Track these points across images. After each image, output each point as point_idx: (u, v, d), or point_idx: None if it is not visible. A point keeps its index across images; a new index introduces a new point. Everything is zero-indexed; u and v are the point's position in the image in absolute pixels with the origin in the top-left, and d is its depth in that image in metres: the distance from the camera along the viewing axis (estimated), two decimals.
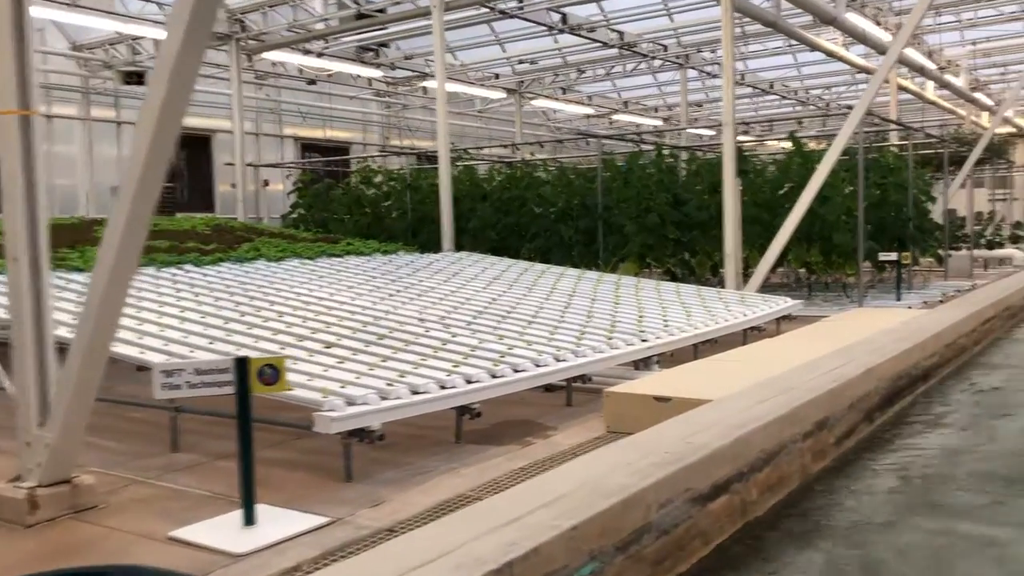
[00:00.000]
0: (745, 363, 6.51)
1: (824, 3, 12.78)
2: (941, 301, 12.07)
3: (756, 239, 11.94)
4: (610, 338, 6.61)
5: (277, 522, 3.82)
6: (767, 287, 14.19)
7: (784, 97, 24.43)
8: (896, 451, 5.14)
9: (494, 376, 5.26)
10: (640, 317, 7.68)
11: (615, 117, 26.74)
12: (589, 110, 24.88)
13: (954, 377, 7.47)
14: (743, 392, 4.95)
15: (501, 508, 3.12)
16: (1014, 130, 29.76)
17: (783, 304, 9.28)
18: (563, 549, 2.89)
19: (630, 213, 12.95)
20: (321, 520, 3.89)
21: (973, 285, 14.13)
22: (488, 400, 5.27)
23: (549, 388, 6.22)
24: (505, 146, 19.92)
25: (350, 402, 4.39)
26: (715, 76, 20.95)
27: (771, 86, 23.03)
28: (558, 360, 5.84)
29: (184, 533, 3.80)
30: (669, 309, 8.28)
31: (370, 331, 6.10)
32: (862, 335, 7.63)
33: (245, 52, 16.09)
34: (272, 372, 3.77)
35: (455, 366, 5.30)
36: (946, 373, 7.61)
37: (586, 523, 2.97)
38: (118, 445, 5.49)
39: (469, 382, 5.08)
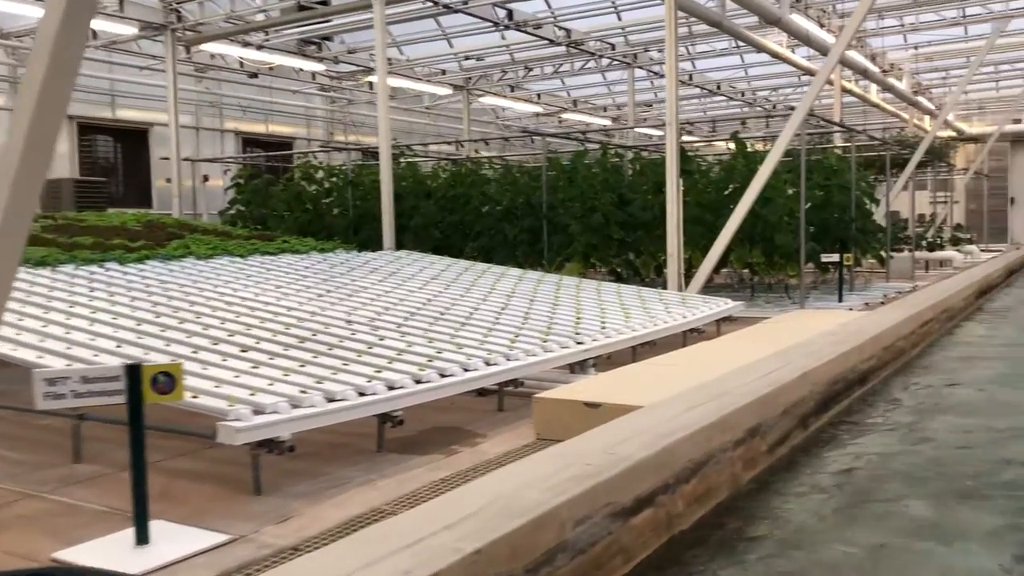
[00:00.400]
0: (682, 366, 6.37)
1: (769, 4, 12.76)
2: (882, 302, 12.13)
3: (700, 240, 11.87)
4: (545, 341, 6.42)
5: (173, 540, 3.55)
6: (711, 288, 14.16)
7: (731, 98, 24.55)
8: (830, 459, 5.02)
9: (419, 381, 5.03)
10: (578, 319, 7.51)
11: (564, 116, 26.63)
12: (538, 108, 24.74)
13: (891, 380, 7.42)
14: (674, 398, 4.79)
15: (403, 529, 2.90)
16: (955, 134, 30.35)
17: (723, 306, 9.19)
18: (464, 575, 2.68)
19: (575, 212, 12.81)
20: (221, 538, 3.63)
21: (914, 287, 14.26)
22: (415, 406, 5.04)
23: (482, 392, 6.01)
24: (449, 143, 19.65)
25: (258, 411, 4.13)
26: (663, 76, 20.91)
27: (718, 87, 23.11)
28: (489, 364, 5.63)
29: (69, 554, 3.51)
30: (608, 311, 8.13)
31: (293, 334, 5.83)
32: (801, 337, 7.55)
33: (182, 43, 15.61)
34: (167, 380, 3.50)
35: (378, 371, 5.06)
36: (884, 376, 7.57)
37: (492, 545, 2.76)
38: (17, 455, 5.15)
39: (391, 388, 4.85)
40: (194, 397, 4.25)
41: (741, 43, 16.71)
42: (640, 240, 12.50)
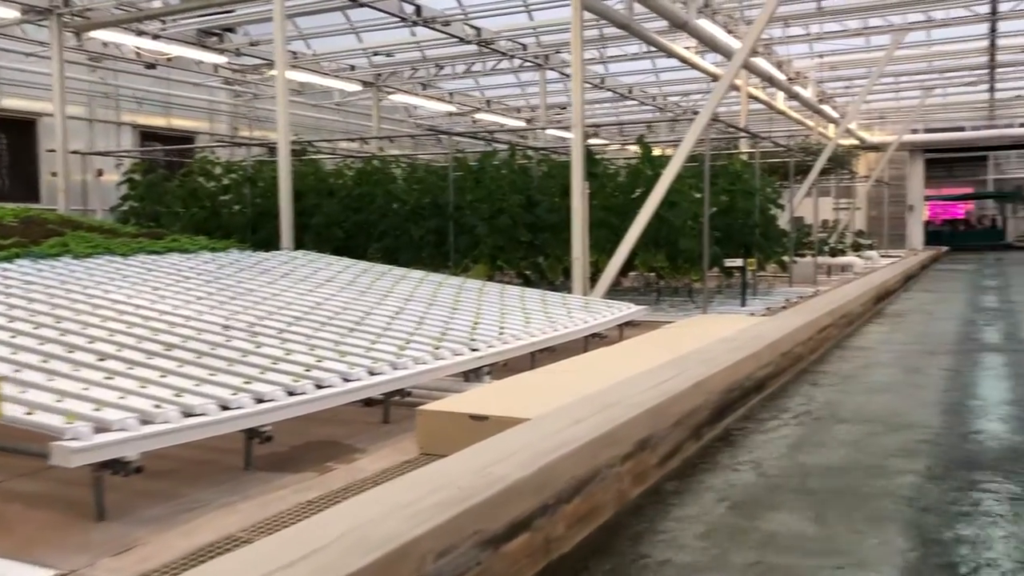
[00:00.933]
0: (578, 374, 6.16)
1: (676, 8, 12.75)
2: (784, 307, 12.24)
3: (606, 243, 11.75)
4: (437, 348, 6.13)
5: None
6: (618, 292, 14.11)
7: (643, 103, 24.69)
8: (722, 470, 4.87)
9: (292, 393, 4.68)
10: (475, 324, 7.25)
11: (478, 116, 26.38)
12: (451, 107, 24.42)
13: (789, 388, 7.39)
14: (561, 410, 4.56)
15: (231, 571, 2.58)
16: (857, 142, 31.25)
17: (626, 310, 9.06)
18: None
19: (482, 214, 12.55)
20: (47, 574, 3.23)
21: (815, 292, 14.47)
22: (295, 419, 4.69)
23: (370, 403, 5.68)
24: (353, 140, 19.18)
25: (101, 428, 3.73)
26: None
27: (630, 91, 23.20)
28: (372, 373, 5.31)
29: None
30: (508, 315, 7.89)
31: (160, 340, 5.40)
32: (700, 343, 7.45)
33: (70, 29, 14.77)
34: None
35: (248, 382, 4.69)
36: (782, 383, 7.53)
37: None
38: None
39: (260, 401, 4.48)
40: (28, 413, 3.82)
41: (653, 48, 16.71)
42: (547, 243, 12.33)
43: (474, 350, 6.33)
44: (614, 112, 28.46)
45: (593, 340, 8.43)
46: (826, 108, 23.70)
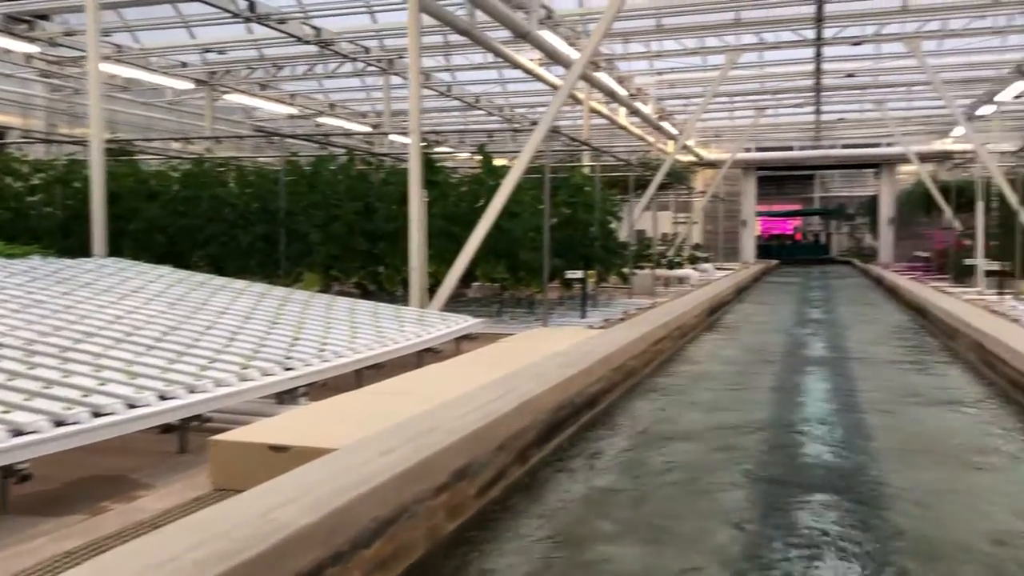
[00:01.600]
0: (402, 395, 5.79)
1: (518, 17, 12.62)
2: (622, 319, 12.30)
3: (447, 253, 11.43)
4: (245, 368, 5.61)
5: None
6: (463, 303, 13.85)
7: (490, 113, 24.62)
8: (548, 496, 4.62)
9: (61, 424, 4.07)
10: (295, 340, 6.74)
11: (321, 120, 25.56)
12: (292, 110, 23.51)
13: (620, 403, 7.27)
14: (370, 439, 4.17)
15: None
16: (695, 159, 32.44)
17: (462, 323, 8.76)
18: None
19: (316, 220, 11.98)
20: None
21: (653, 303, 14.68)
22: (75, 449, 4.09)
23: (168, 429, 5.10)
24: (177, 139, 18.09)
25: None
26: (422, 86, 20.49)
27: (477, 100, 23.06)
28: (164, 398, 4.75)
29: None
30: (334, 330, 7.42)
31: None
32: (534, 358, 7.23)
33: None
34: None
35: (7, 411, 4.05)
36: (614, 398, 7.41)
37: None
38: None
39: (19, 434, 3.86)
40: None
41: (499, 58, 16.58)
42: (386, 252, 11.89)
43: (288, 369, 5.85)
44: (463, 121, 28.30)
45: (427, 355, 8.09)
46: (665, 125, 24.38)
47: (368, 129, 25.51)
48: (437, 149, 25.05)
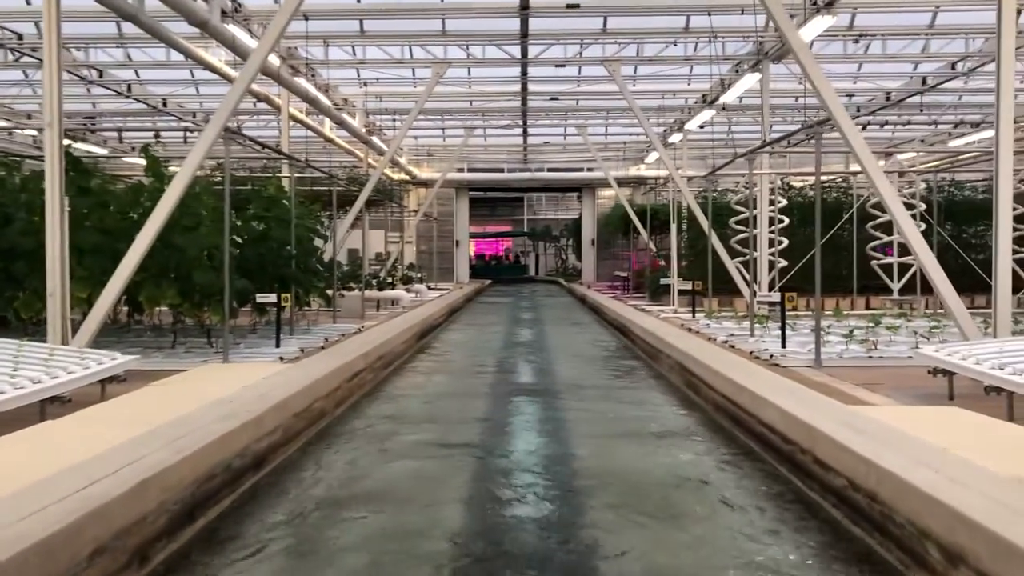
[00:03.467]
0: None
1: (197, 5, 10.98)
2: (323, 347, 11.02)
3: (104, 275, 9.49)
4: None
5: None
6: (130, 333, 11.80)
7: (181, 118, 22.25)
8: None
9: None
10: None
11: None
12: None
13: (297, 460, 5.98)
14: None
15: None
16: (408, 177, 31.80)
17: (106, 363, 7.04)
18: None
19: None
20: None
21: (360, 328, 13.52)
22: None
23: None
24: None
25: None
26: (92, 82, 17.91)
27: (164, 103, 20.66)
28: None
29: None
30: None
31: None
32: (190, 407, 5.78)
33: None
34: None
35: None
36: (290, 453, 6.12)
37: None
38: None
39: None
40: None
41: (190, 58, 14.61)
42: (23, 273, 9.68)
43: None
44: (151, 125, 25.46)
45: (53, 405, 6.32)
46: (375, 140, 23.39)
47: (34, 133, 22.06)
48: (96, 151, 22.17)
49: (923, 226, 15.90)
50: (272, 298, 11.07)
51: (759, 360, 9.24)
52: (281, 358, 9.57)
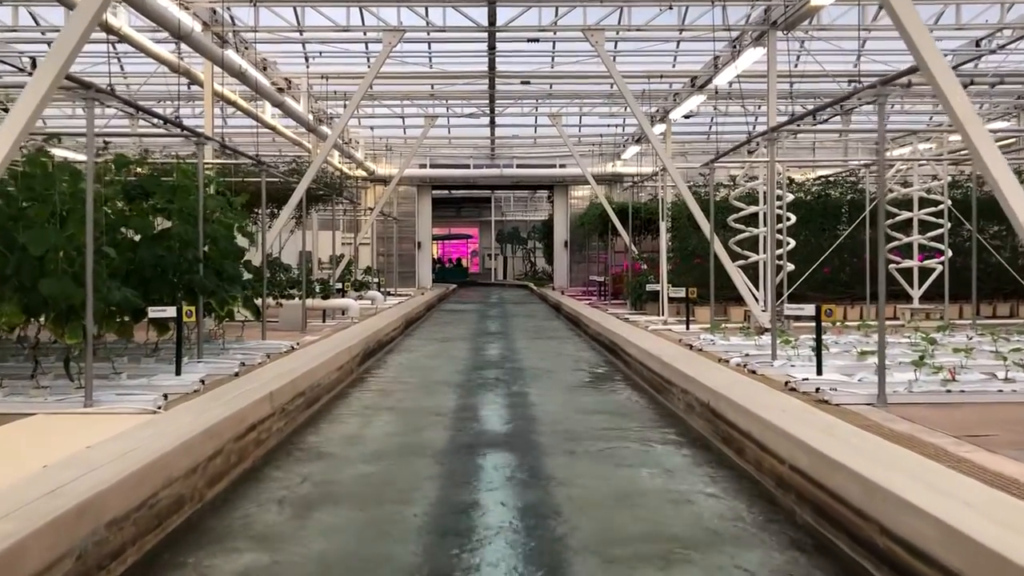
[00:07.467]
0: None
1: None
2: (237, 374, 8.49)
3: None
4: None
5: None
6: None
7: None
8: None
9: None
10: None
11: None
12: None
13: None
14: None
15: None
16: (365, 173, 29.13)
17: None
18: None
19: None
20: None
21: (293, 346, 10.97)
22: None
23: None
24: None
25: None
26: None
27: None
28: None
29: None
30: None
31: None
32: None
33: None
34: None
35: None
36: None
37: None
38: None
39: None
40: None
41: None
42: None
43: None
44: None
45: None
46: (324, 128, 20.76)
47: None
48: None
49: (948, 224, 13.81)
50: (171, 312, 8.51)
51: (804, 396, 6.88)
52: (166, 395, 6.99)
